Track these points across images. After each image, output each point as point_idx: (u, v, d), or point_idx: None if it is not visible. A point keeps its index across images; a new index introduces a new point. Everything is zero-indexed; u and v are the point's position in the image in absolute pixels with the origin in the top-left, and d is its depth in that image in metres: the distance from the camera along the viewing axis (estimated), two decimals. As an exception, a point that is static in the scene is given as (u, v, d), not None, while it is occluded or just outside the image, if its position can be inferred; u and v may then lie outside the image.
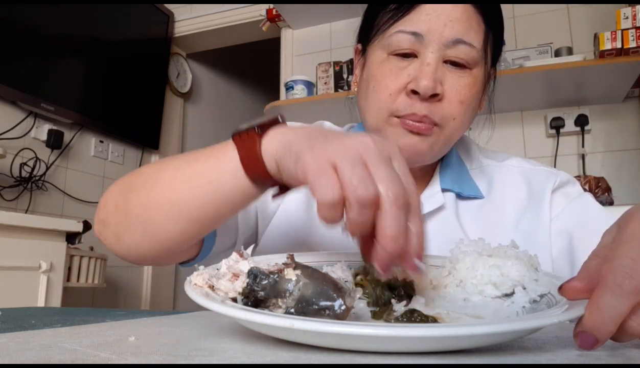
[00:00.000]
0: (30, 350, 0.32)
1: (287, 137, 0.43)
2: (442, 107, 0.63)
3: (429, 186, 0.73)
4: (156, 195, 0.52)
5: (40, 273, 1.65)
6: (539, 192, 0.73)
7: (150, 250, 0.55)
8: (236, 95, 3.88)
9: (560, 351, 0.32)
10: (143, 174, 0.56)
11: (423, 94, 0.61)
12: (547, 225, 0.71)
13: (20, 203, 2.17)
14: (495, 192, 0.75)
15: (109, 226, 0.57)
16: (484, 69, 0.66)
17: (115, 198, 0.56)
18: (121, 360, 0.29)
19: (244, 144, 0.46)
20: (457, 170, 0.75)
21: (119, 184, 0.58)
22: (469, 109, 0.65)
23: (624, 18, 1.77)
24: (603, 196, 1.74)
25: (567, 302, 0.35)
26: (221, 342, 0.35)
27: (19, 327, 0.45)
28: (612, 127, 2.08)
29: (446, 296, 0.45)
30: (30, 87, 2.14)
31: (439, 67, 0.63)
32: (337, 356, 0.30)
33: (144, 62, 2.82)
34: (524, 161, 0.78)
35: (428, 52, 0.62)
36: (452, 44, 0.62)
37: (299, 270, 0.37)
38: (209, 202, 0.50)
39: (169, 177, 0.52)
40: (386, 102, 0.64)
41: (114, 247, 0.58)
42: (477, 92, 0.66)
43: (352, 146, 0.38)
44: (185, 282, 0.40)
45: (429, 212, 0.71)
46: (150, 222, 0.53)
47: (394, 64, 0.64)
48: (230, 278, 0.39)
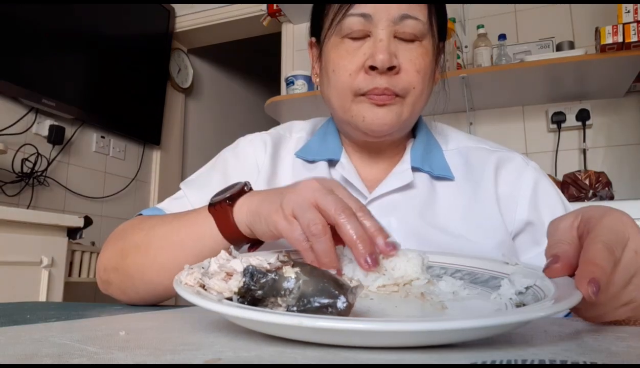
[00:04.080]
0: (20, 344, 0.32)
1: (253, 205, 0.54)
2: (401, 78, 0.67)
3: (398, 164, 0.76)
4: (149, 261, 0.63)
5: (41, 269, 1.66)
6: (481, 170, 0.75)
7: (154, 297, 0.66)
8: (237, 91, 3.88)
9: (546, 346, 0.32)
10: (132, 239, 0.66)
11: (381, 67, 0.65)
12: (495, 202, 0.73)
13: (22, 199, 2.18)
14: (472, 174, 0.76)
15: (113, 284, 0.67)
16: (431, 41, 0.70)
17: (114, 262, 0.66)
18: (107, 354, 0.29)
19: (219, 215, 0.57)
20: (429, 149, 0.77)
21: (113, 247, 0.68)
22: (426, 77, 0.69)
23: (626, 12, 1.76)
24: (603, 191, 1.74)
25: (553, 296, 0.35)
26: (210, 337, 0.35)
27: (13, 321, 0.45)
28: (613, 122, 2.08)
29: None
30: (32, 83, 2.15)
31: (391, 42, 0.66)
32: (321, 351, 0.31)
33: (145, 57, 2.83)
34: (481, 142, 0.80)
35: (379, 30, 0.66)
36: (399, 20, 0.66)
37: (297, 268, 0.37)
38: (194, 258, 0.58)
39: (158, 245, 0.62)
40: (347, 83, 0.68)
41: (122, 299, 0.68)
42: (430, 61, 0.69)
43: (302, 193, 0.49)
44: (174, 281, 0.40)
45: (398, 188, 0.72)
46: (148, 281, 0.63)
47: (349, 45, 0.68)
48: (223, 278, 0.39)
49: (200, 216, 0.59)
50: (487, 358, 0.28)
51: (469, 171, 0.76)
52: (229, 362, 0.27)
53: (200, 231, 0.59)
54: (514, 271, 0.44)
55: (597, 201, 1.72)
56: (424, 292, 0.44)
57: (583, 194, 1.76)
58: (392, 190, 0.72)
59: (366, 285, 0.46)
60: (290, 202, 0.49)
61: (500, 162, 0.75)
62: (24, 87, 2.12)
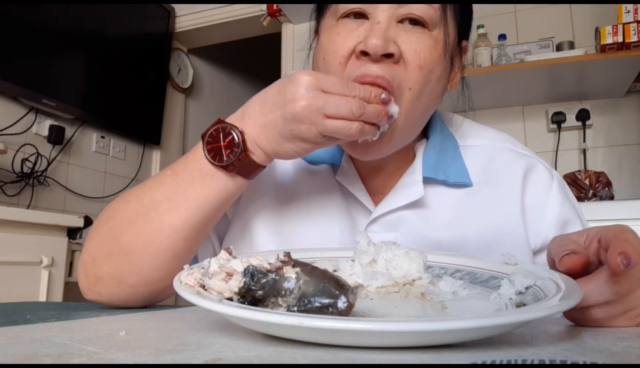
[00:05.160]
0: (21, 344, 0.32)
1: (264, 133, 0.54)
2: (399, 71, 0.55)
3: (408, 172, 0.66)
4: (154, 227, 0.56)
5: (41, 269, 1.66)
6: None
7: (159, 276, 0.58)
8: (237, 90, 3.88)
9: (546, 346, 0.32)
10: (123, 214, 0.58)
11: (373, 53, 0.54)
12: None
13: (22, 199, 2.18)
14: (495, 177, 0.67)
15: (103, 278, 0.58)
16: (444, 33, 0.58)
17: (107, 247, 0.58)
18: (107, 354, 0.29)
19: (243, 169, 0.55)
20: (444, 151, 0.67)
21: (99, 233, 0.59)
22: (430, 76, 0.57)
23: (626, 12, 1.76)
24: (603, 191, 1.74)
25: (555, 295, 0.36)
26: (210, 337, 0.35)
27: (13, 321, 0.45)
28: (613, 122, 2.08)
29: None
30: (32, 83, 2.15)
31: (392, 26, 0.56)
32: (321, 351, 0.31)
33: (145, 57, 2.83)
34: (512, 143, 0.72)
35: (379, 11, 0.56)
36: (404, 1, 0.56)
37: (298, 268, 0.37)
38: (212, 214, 0.58)
39: (163, 209, 0.56)
40: (337, 73, 0.57)
41: (114, 296, 0.59)
42: (439, 57, 0.57)
43: (298, 79, 0.50)
44: (174, 281, 0.40)
45: (404, 205, 0.64)
46: (155, 251, 0.57)
47: (342, 27, 0.58)
48: (224, 278, 0.39)
49: (208, 176, 0.56)
50: (487, 358, 0.28)
51: (491, 174, 0.67)
52: (229, 362, 0.27)
53: (215, 188, 0.56)
54: (514, 271, 0.44)
55: (597, 201, 1.72)
56: (424, 292, 0.44)
57: (583, 194, 1.76)
58: (400, 206, 0.64)
59: (365, 285, 0.46)
60: (299, 90, 0.50)
61: (529, 169, 0.67)
62: (24, 87, 2.12)
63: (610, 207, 1.55)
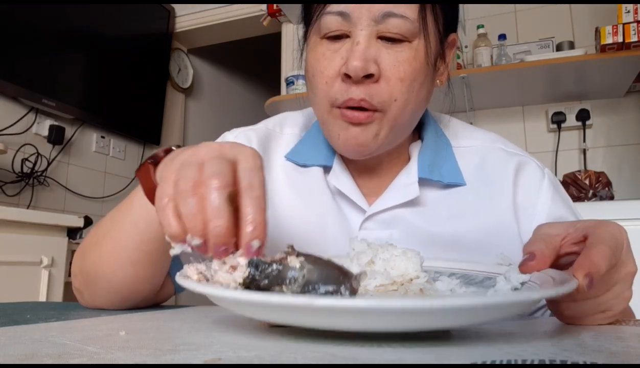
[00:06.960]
0: (21, 344, 0.32)
1: (168, 159, 0.49)
2: (381, 89, 0.57)
3: (403, 173, 0.67)
4: (99, 252, 0.58)
5: (41, 269, 1.66)
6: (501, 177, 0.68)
7: (119, 300, 0.60)
8: (237, 90, 3.88)
9: (546, 346, 0.33)
10: (90, 235, 0.61)
11: (354, 76, 0.56)
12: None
13: (22, 199, 2.18)
14: (488, 177, 0.68)
15: (83, 293, 0.62)
16: (425, 39, 0.59)
17: (79, 264, 0.62)
18: (108, 354, 0.29)
19: (143, 176, 0.51)
20: (438, 152, 0.68)
21: (78, 250, 0.63)
22: (413, 85, 0.59)
23: (626, 12, 1.76)
24: (603, 191, 1.74)
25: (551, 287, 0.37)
26: (209, 336, 0.35)
27: (13, 321, 0.45)
28: (613, 122, 2.08)
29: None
30: (32, 83, 2.15)
31: (372, 44, 0.57)
32: (321, 351, 0.31)
33: (145, 57, 2.83)
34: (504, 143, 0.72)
35: (358, 31, 0.58)
36: (382, 18, 0.57)
37: (302, 257, 0.37)
38: (138, 242, 0.55)
39: (104, 232, 0.58)
40: (324, 91, 0.60)
41: (89, 305, 0.62)
42: (421, 66, 0.59)
43: (197, 152, 0.42)
44: (177, 276, 0.40)
45: (401, 203, 0.64)
46: (102, 276, 0.58)
47: (327, 47, 0.60)
48: (228, 270, 0.39)
49: (135, 191, 0.55)
50: (487, 358, 0.28)
51: (484, 173, 0.68)
52: (229, 362, 0.27)
53: (133, 205, 0.55)
54: (508, 270, 0.45)
55: (597, 201, 1.72)
56: (423, 288, 0.44)
57: (583, 194, 1.76)
58: (395, 205, 0.65)
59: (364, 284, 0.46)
60: (182, 158, 0.42)
61: (520, 167, 0.68)
62: (24, 87, 2.12)
63: (610, 207, 1.55)
